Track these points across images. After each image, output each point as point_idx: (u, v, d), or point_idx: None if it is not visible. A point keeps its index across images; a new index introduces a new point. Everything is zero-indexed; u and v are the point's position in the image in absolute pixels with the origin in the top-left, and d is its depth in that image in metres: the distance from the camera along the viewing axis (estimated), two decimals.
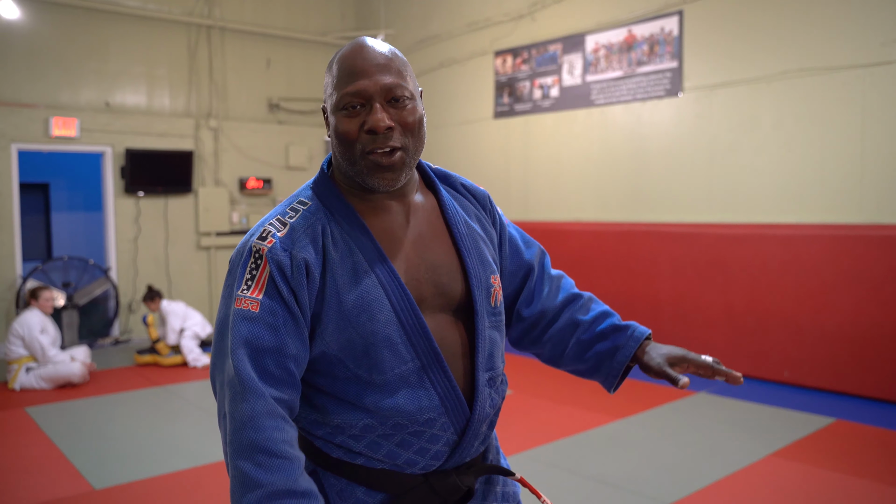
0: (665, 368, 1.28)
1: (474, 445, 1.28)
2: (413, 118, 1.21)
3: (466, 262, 1.28)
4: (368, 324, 1.18)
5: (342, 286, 1.18)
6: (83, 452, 4.33)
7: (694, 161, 6.29)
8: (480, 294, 1.28)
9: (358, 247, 1.21)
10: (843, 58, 5.37)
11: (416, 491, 1.23)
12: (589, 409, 5.11)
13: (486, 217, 1.40)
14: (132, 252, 8.03)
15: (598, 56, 7.04)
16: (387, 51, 1.23)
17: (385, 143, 1.18)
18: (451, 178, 1.40)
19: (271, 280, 1.15)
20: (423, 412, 1.21)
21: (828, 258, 5.34)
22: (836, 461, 4.01)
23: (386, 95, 1.19)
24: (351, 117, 1.20)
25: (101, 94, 7.86)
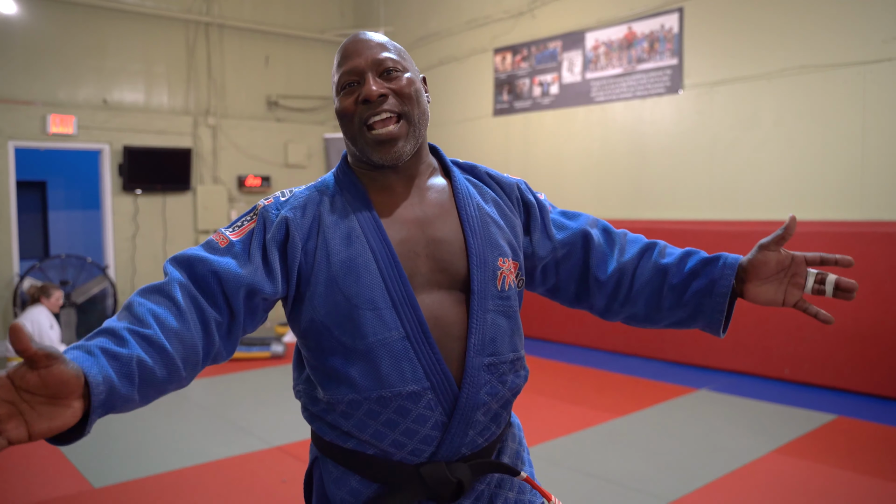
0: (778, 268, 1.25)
1: (469, 435, 1.23)
2: (408, 86, 1.24)
3: (469, 240, 1.26)
4: (354, 285, 1.19)
5: (333, 248, 1.21)
6: (82, 451, 4.30)
7: (694, 158, 6.28)
8: (482, 274, 1.26)
9: (356, 215, 1.24)
10: (844, 54, 5.36)
11: (407, 481, 1.21)
12: (590, 406, 5.10)
13: (511, 204, 1.37)
14: (130, 250, 8.00)
15: (598, 53, 7.03)
16: (381, 37, 1.28)
17: (379, 108, 1.21)
18: (476, 169, 1.40)
19: (252, 231, 1.22)
20: (406, 384, 1.18)
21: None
22: (838, 458, 4.00)
23: (377, 68, 1.23)
24: (348, 95, 1.24)
25: (99, 91, 7.82)
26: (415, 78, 1.27)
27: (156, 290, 1.11)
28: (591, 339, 6.98)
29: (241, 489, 3.72)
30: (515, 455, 1.36)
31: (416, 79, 1.27)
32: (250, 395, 5.58)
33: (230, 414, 5.06)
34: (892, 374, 5.04)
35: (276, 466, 4.02)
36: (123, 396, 0.99)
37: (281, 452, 4.25)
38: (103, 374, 0.95)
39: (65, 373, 0.88)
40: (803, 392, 5.34)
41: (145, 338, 1.03)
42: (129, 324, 1.04)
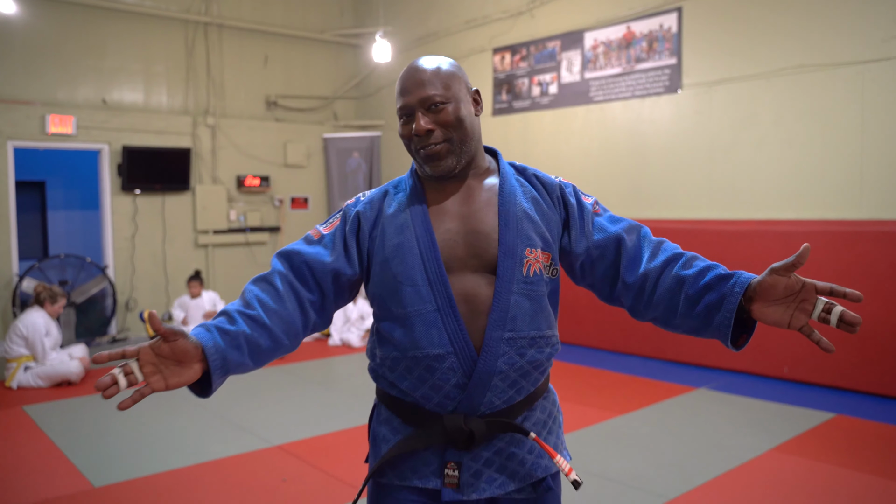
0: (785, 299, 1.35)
1: (486, 396, 1.46)
2: (450, 117, 1.49)
3: (502, 231, 1.49)
4: (400, 265, 1.48)
5: (388, 235, 1.52)
6: (82, 450, 4.31)
7: (693, 158, 6.28)
8: (508, 261, 1.47)
9: (410, 209, 1.53)
10: (843, 54, 5.37)
11: (432, 426, 1.47)
12: (590, 405, 5.10)
13: (551, 202, 1.59)
14: (129, 250, 8.00)
15: (596, 53, 7.03)
16: (432, 67, 1.51)
17: (428, 141, 1.49)
18: (526, 171, 1.63)
19: (337, 226, 1.58)
20: (433, 346, 1.44)
21: (827, 254, 5.34)
22: (837, 456, 4.00)
23: (424, 105, 1.48)
24: (405, 125, 1.53)
25: (99, 91, 7.83)
26: (459, 105, 1.50)
27: (262, 279, 1.51)
28: (590, 338, 6.99)
29: (241, 488, 3.72)
30: (542, 425, 1.56)
31: (460, 105, 1.51)
32: (250, 395, 5.57)
33: (230, 413, 5.06)
34: (890, 373, 5.05)
35: (276, 465, 4.03)
36: (236, 362, 1.39)
37: (281, 451, 4.25)
38: (216, 345, 1.35)
39: (186, 344, 1.31)
40: (802, 390, 5.35)
41: (251, 317, 1.43)
42: (240, 307, 1.45)
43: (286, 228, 9.17)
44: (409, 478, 1.50)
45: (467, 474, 1.47)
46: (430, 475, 1.49)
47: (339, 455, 4.16)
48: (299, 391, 5.71)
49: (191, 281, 7.23)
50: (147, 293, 8.12)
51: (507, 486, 1.50)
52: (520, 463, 1.51)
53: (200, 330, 1.36)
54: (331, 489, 3.69)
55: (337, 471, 3.91)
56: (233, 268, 8.75)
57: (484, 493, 1.48)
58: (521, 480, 1.51)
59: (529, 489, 1.53)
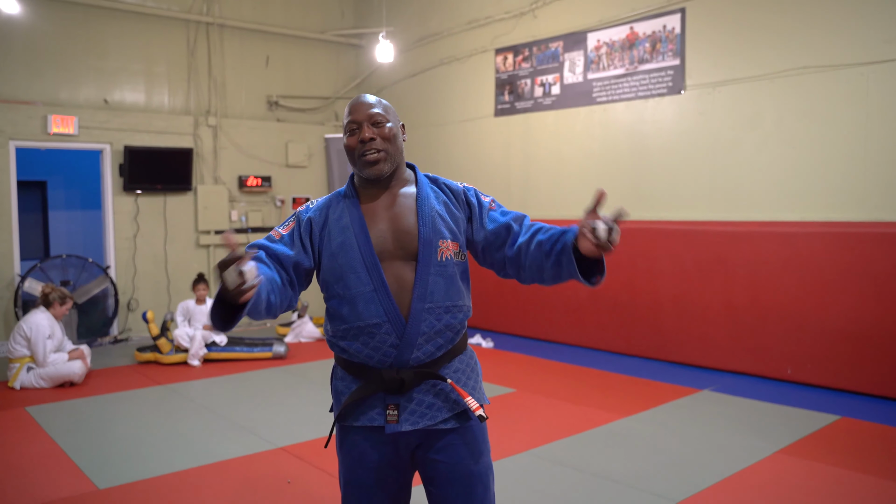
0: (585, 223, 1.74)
1: (413, 353, 1.89)
2: (388, 132, 1.94)
3: (420, 228, 1.93)
4: (344, 257, 1.91)
5: (334, 235, 1.95)
6: (86, 452, 4.30)
7: (696, 158, 6.28)
8: (426, 250, 1.91)
9: (349, 214, 1.96)
10: (845, 55, 5.36)
11: (372, 377, 1.90)
12: (593, 406, 5.10)
13: (458, 204, 2.03)
14: (131, 250, 7.99)
15: (599, 54, 7.03)
16: (375, 98, 1.98)
17: (370, 146, 1.92)
18: (437, 181, 2.07)
19: (293, 228, 1.99)
20: (372, 317, 1.87)
21: (830, 255, 5.34)
22: (842, 459, 4.00)
23: (370, 120, 1.93)
24: (352, 136, 1.95)
25: (100, 91, 7.82)
26: (394, 126, 1.96)
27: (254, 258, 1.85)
28: (592, 339, 6.99)
29: (246, 490, 3.71)
30: (461, 373, 1.97)
31: (395, 126, 1.96)
32: (253, 396, 5.57)
33: (233, 414, 5.05)
34: (894, 375, 5.05)
35: (280, 467, 4.02)
36: (255, 307, 1.74)
37: (285, 453, 4.24)
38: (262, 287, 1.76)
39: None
40: (806, 392, 5.35)
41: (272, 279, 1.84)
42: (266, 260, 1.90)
43: None
44: (360, 419, 1.92)
45: (404, 412, 1.89)
46: (375, 416, 1.91)
47: None
48: (301, 392, 5.70)
49: (197, 284, 6.96)
50: (149, 293, 8.11)
51: (436, 418, 1.90)
52: (444, 400, 1.92)
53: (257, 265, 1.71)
54: (335, 492, 3.68)
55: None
56: None
57: (417, 424, 1.88)
58: (448, 411, 1.91)
59: (454, 420, 1.93)
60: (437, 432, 1.92)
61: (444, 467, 1.92)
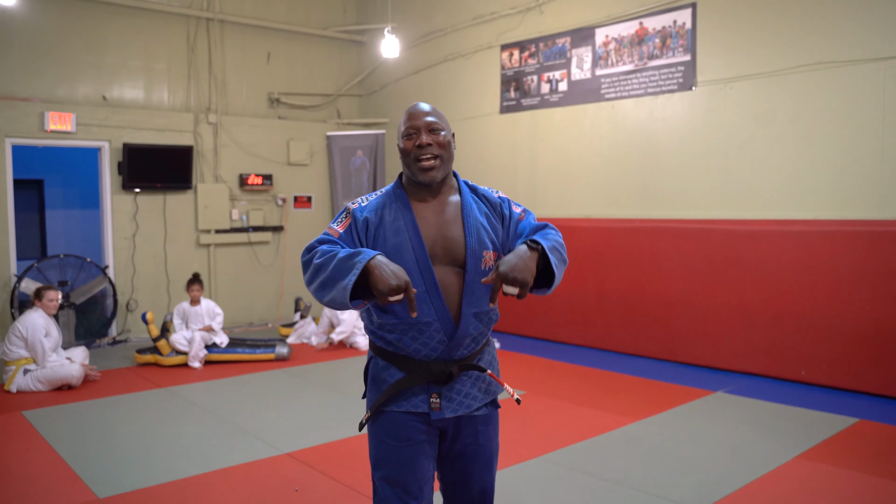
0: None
1: (459, 350, 2.07)
2: (443, 139, 2.08)
3: (467, 238, 2.07)
4: (399, 259, 2.01)
5: (388, 236, 2.06)
6: (85, 458, 4.16)
7: (707, 156, 6.16)
8: (472, 259, 2.06)
9: (402, 217, 2.07)
10: (862, 50, 5.24)
11: (421, 369, 2.06)
12: (606, 410, 4.97)
13: (496, 216, 2.17)
14: (130, 250, 7.85)
15: (608, 49, 6.90)
16: (432, 107, 2.12)
17: (426, 152, 2.06)
18: (478, 190, 2.21)
19: (349, 225, 2.09)
20: (423, 316, 2.01)
21: (846, 255, 5.22)
22: (865, 464, 3.88)
23: (428, 127, 2.07)
24: (408, 140, 2.08)
25: (99, 88, 7.68)
26: (448, 135, 2.10)
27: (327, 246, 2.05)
28: (599, 339, 6.86)
29: (251, 499, 3.58)
30: (489, 363, 2.19)
31: (448, 135, 2.11)
32: (257, 399, 5.44)
33: (236, 418, 4.92)
34: None
35: (286, 474, 3.89)
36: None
37: (291, 459, 4.11)
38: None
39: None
40: (821, 394, 5.23)
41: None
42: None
43: (289, 228, 9.03)
44: (404, 406, 2.08)
45: (445, 400, 2.08)
46: (419, 403, 2.07)
47: (351, 463, 4.02)
48: (306, 395, 5.57)
49: (192, 284, 6.77)
50: (148, 294, 7.97)
51: (472, 406, 2.12)
52: (479, 389, 2.14)
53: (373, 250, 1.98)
54: (344, 499, 3.56)
55: (350, 480, 3.78)
56: (235, 268, 8.61)
57: (457, 412, 2.09)
58: (481, 400, 2.14)
59: (487, 406, 2.17)
60: (469, 418, 2.14)
61: (473, 448, 2.16)
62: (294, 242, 9.04)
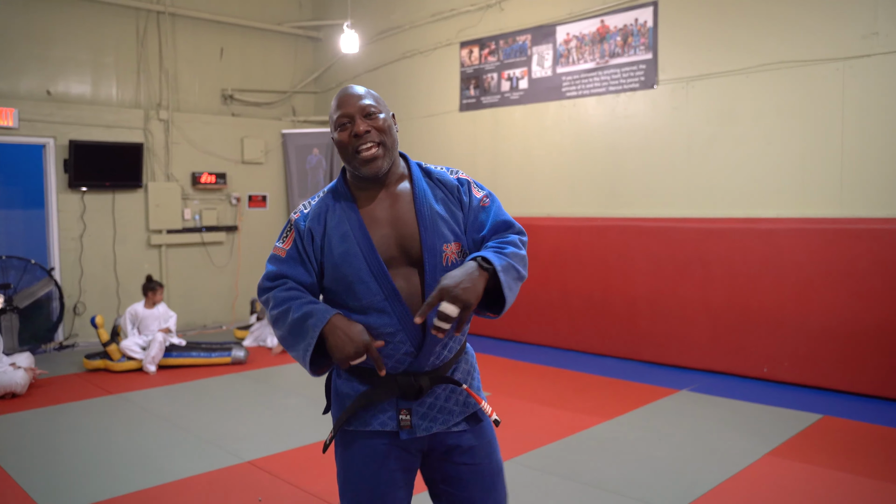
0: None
1: (429, 360, 1.83)
2: (382, 123, 1.83)
3: (422, 234, 1.83)
4: (349, 268, 1.81)
5: (334, 244, 1.83)
6: (32, 471, 3.93)
7: (671, 154, 6.16)
8: (430, 256, 1.82)
9: (348, 220, 1.84)
10: (823, 50, 5.30)
11: (387, 383, 1.82)
12: (574, 410, 4.92)
13: (455, 200, 1.91)
14: (77, 251, 7.53)
15: (569, 47, 6.87)
16: (363, 89, 1.86)
17: (365, 140, 1.80)
18: (432, 173, 1.94)
19: (294, 241, 1.88)
20: (385, 327, 1.79)
21: (809, 252, 5.27)
22: (835, 459, 3.90)
23: (362, 112, 1.82)
24: (343, 130, 1.82)
25: (43, 81, 7.35)
26: (387, 117, 1.85)
27: (287, 288, 1.86)
28: (564, 339, 6.82)
29: None
30: (466, 374, 1.95)
31: (388, 117, 1.85)
32: (214, 405, 5.24)
33: (194, 425, 4.72)
34: (873, 373, 5.00)
35: (249, 483, 3.73)
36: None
37: (253, 468, 3.95)
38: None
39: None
40: (784, 391, 5.26)
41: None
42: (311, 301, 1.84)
43: (244, 228, 8.79)
44: (370, 424, 1.84)
45: (416, 417, 1.84)
46: (387, 420, 1.84)
47: (316, 470, 3.88)
48: (266, 400, 5.39)
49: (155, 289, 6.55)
50: (96, 296, 7.66)
51: (448, 422, 1.87)
52: (455, 402, 1.89)
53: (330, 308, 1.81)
54: None
55: (315, 487, 3.64)
56: (188, 269, 8.34)
57: (431, 429, 1.85)
58: (459, 414, 1.89)
59: (464, 423, 1.90)
60: (450, 434, 1.89)
61: (467, 469, 1.91)
62: (249, 242, 8.80)
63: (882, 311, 4.94)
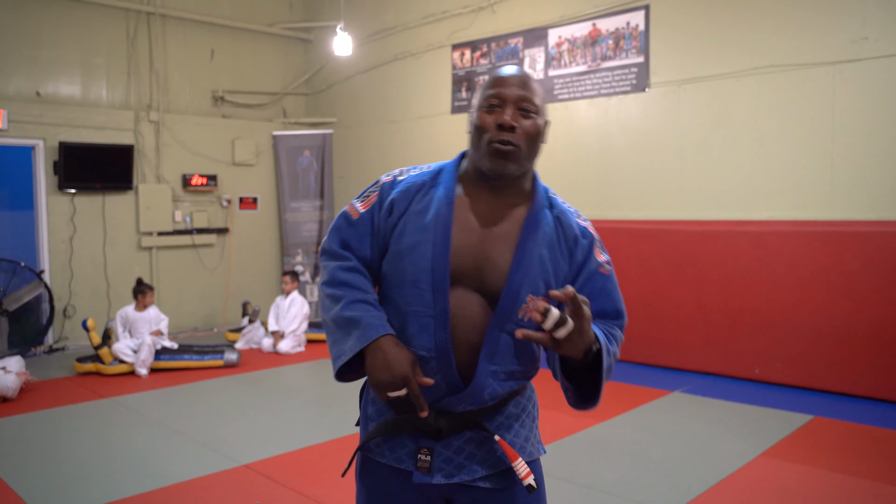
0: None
1: (462, 405, 1.53)
2: (533, 128, 1.53)
3: (511, 273, 1.51)
4: (411, 265, 1.53)
5: (407, 232, 1.55)
6: (25, 477, 3.90)
7: (663, 157, 6.20)
8: (508, 300, 1.50)
9: (435, 210, 1.54)
10: (813, 54, 5.35)
11: (407, 415, 1.54)
12: (568, 412, 4.91)
13: (566, 251, 1.59)
14: (67, 253, 7.48)
15: (561, 50, 6.90)
16: (535, 80, 1.57)
17: (506, 136, 1.49)
18: (557, 206, 1.63)
19: (373, 205, 1.61)
20: (421, 348, 1.51)
21: (800, 254, 5.31)
22: (828, 460, 3.94)
23: (519, 103, 1.51)
24: (488, 113, 1.52)
25: (32, 82, 7.29)
26: (541, 123, 1.55)
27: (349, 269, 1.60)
28: None
29: None
30: (514, 418, 1.61)
31: (541, 124, 1.55)
32: (208, 408, 5.22)
33: (189, 429, 4.70)
34: (864, 373, 5.05)
35: (246, 487, 3.72)
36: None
37: (249, 471, 3.94)
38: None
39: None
40: (775, 392, 5.31)
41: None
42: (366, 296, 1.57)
43: (234, 230, 8.76)
44: (386, 456, 1.59)
45: (439, 460, 1.54)
46: (404, 457, 1.56)
47: (313, 473, 3.88)
48: (260, 403, 5.38)
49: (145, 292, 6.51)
50: (87, 299, 7.61)
51: (476, 473, 1.55)
52: (488, 451, 1.56)
53: (384, 323, 1.52)
54: None
55: (312, 491, 3.64)
56: (179, 271, 8.30)
57: (452, 478, 1.54)
58: (490, 467, 1.56)
59: (497, 478, 1.57)
60: (475, 490, 1.57)
61: None
62: (239, 244, 8.78)
63: (872, 312, 4.99)
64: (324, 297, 1.61)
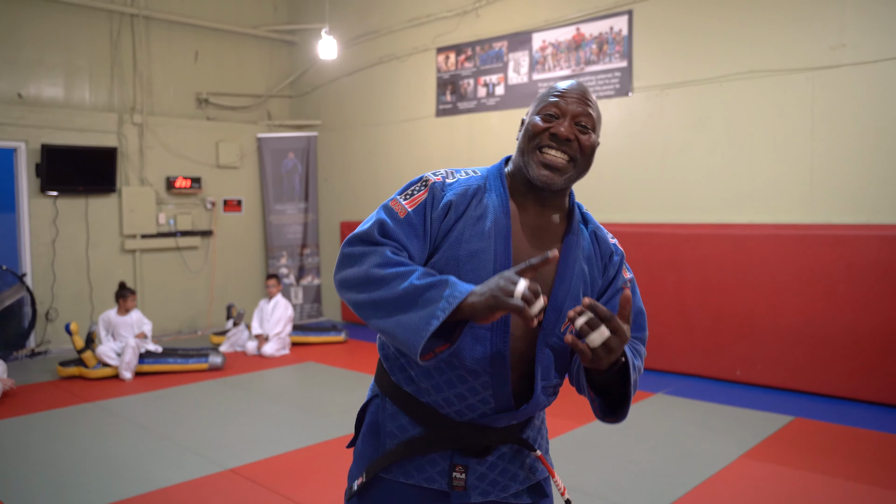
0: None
1: (506, 420, 1.48)
2: (587, 144, 1.49)
3: (555, 288, 1.50)
4: (471, 273, 1.44)
5: (465, 238, 1.47)
6: (7, 483, 3.88)
7: (645, 161, 6.26)
8: (553, 313, 1.48)
9: (493, 218, 1.48)
10: (792, 60, 5.43)
11: (447, 431, 1.47)
12: (551, 414, 4.96)
13: (600, 265, 1.60)
14: (49, 256, 7.44)
15: (545, 54, 6.95)
16: (596, 100, 1.55)
17: (560, 147, 1.47)
18: (590, 224, 1.63)
19: (423, 203, 1.49)
20: (474, 362, 1.43)
21: (780, 257, 5.39)
22: (808, 461, 4.00)
23: (578, 117, 1.48)
24: (544, 120, 1.50)
25: (14, 84, 7.25)
26: (596, 142, 1.52)
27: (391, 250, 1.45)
28: None
29: None
30: (537, 431, 1.61)
31: (595, 143, 1.51)
32: (193, 412, 5.21)
33: (174, 433, 4.69)
34: (843, 375, 5.13)
35: (231, 492, 3.72)
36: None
37: (235, 476, 3.94)
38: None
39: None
40: (757, 393, 5.38)
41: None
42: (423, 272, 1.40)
43: (219, 232, 8.74)
44: (413, 476, 1.51)
45: (473, 477, 1.51)
46: (435, 476, 1.50)
47: (300, 477, 3.89)
48: (245, 406, 5.38)
49: (126, 296, 6.46)
50: (69, 302, 7.57)
51: (509, 490, 1.54)
52: (520, 466, 1.56)
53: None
54: None
55: (299, 496, 3.65)
56: (162, 274, 8.27)
57: (488, 495, 1.51)
58: (521, 483, 1.56)
59: (527, 493, 1.58)
60: None
61: None
62: (224, 247, 8.76)
63: (851, 314, 5.07)
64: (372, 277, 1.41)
